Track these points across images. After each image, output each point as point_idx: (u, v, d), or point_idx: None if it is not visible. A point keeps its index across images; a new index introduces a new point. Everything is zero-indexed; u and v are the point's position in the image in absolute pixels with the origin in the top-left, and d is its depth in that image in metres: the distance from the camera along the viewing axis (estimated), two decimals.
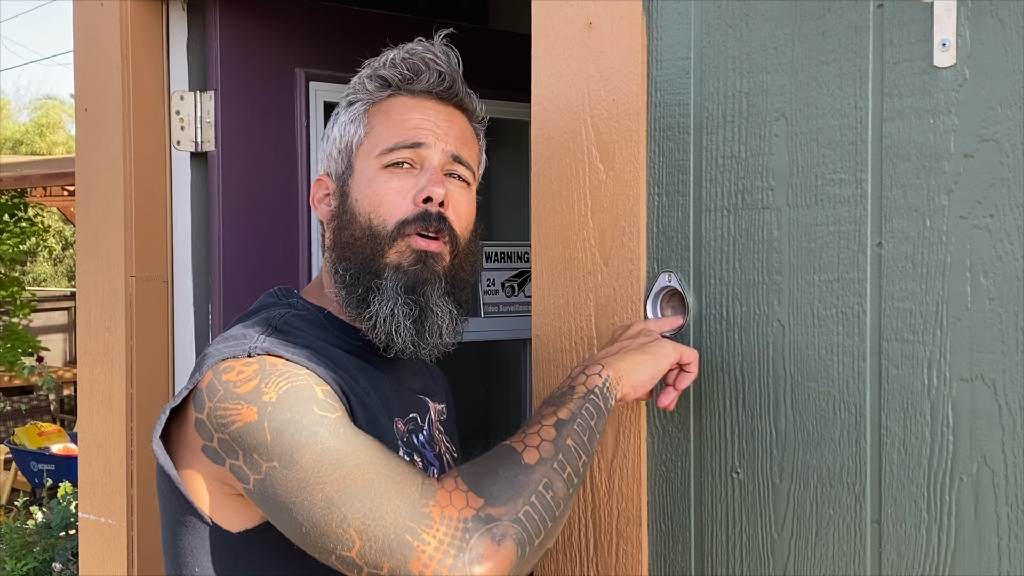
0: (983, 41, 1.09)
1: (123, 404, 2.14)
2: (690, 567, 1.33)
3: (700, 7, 1.31)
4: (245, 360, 1.17)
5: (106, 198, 2.19)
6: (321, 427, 1.10)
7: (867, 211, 1.17)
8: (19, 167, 8.04)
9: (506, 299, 2.86)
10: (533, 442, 1.11)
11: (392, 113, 1.32)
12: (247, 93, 2.21)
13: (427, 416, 1.38)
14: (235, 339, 1.22)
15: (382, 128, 1.31)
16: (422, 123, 1.31)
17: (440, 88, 1.33)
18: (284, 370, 1.15)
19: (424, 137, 1.30)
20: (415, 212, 1.27)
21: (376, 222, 1.28)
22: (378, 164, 1.30)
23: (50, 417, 8.69)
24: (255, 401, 1.11)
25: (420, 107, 1.32)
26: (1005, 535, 1.08)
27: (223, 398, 1.14)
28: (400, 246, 1.27)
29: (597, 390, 1.18)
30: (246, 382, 1.14)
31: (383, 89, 1.33)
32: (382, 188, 1.29)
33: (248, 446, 1.11)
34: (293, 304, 1.33)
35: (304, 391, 1.13)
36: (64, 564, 4.40)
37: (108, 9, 2.18)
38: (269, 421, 1.10)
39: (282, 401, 1.11)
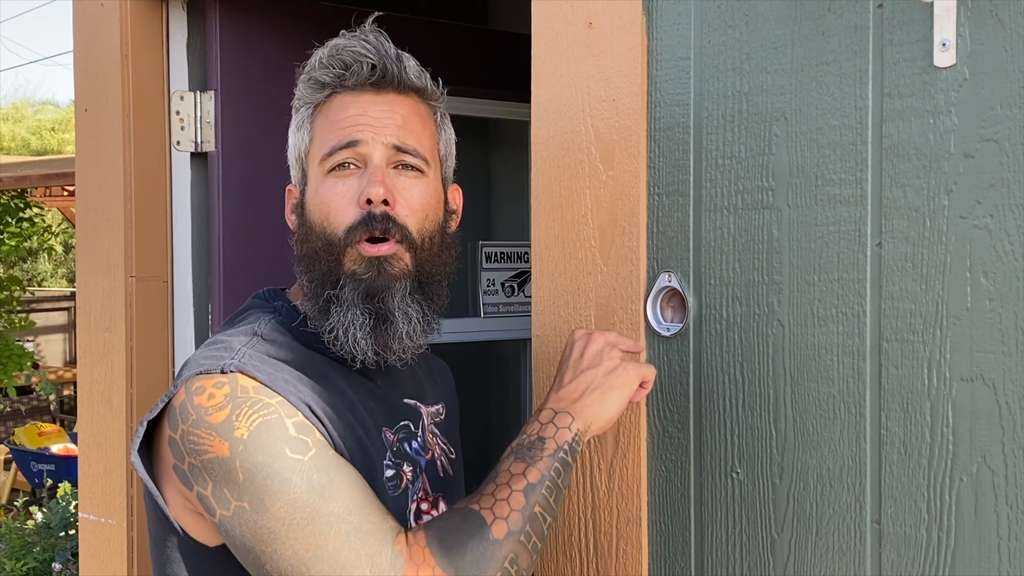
0: (983, 41, 1.09)
1: (123, 404, 2.14)
2: (690, 567, 1.33)
3: (700, 7, 1.31)
4: (217, 380, 1.14)
5: (106, 198, 2.19)
6: (294, 473, 1.09)
7: (867, 211, 1.17)
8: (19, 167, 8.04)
9: (506, 299, 2.86)
10: (502, 512, 1.11)
11: (330, 114, 1.27)
12: (247, 93, 2.21)
13: (420, 422, 1.35)
14: (216, 349, 1.20)
15: (322, 132, 1.27)
16: (357, 119, 1.25)
17: (374, 78, 1.26)
18: (255, 399, 1.13)
19: (359, 133, 1.24)
20: (359, 216, 1.22)
21: (328, 231, 1.24)
22: (322, 170, 1.26)
23: (50, 417, 8.69)
24: (227, 436, 1.10)
25: (357, 102, 1.26)
26: (1005, 535, 1.08)
27: (195, 424, 1.12)
28: (352, 254, 1.22)
29: (567, 446, 1.17)
30: (217, 410, 1.12)
31: (320, 91, 1.28)
32: (328, 195, 1.24)
33: (219, 480, 1.11)
34: (279, 309, 1.29)
35: (276, 428, 1.11)
36: (64, 564, 4.40)
37: (108, 9, 2.18)
38: (241, 460, 1.09)
39: (254, 439, 1.10)
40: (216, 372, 1.15)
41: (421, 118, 1.30)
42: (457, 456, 1.45)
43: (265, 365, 1.18)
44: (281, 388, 1.16)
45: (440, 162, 1.32)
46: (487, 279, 2.82)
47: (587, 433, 1.20)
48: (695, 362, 1.33)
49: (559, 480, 1.16)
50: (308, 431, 1.14)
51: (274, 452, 1.10)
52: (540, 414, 1.20)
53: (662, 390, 1.35)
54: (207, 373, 1.16)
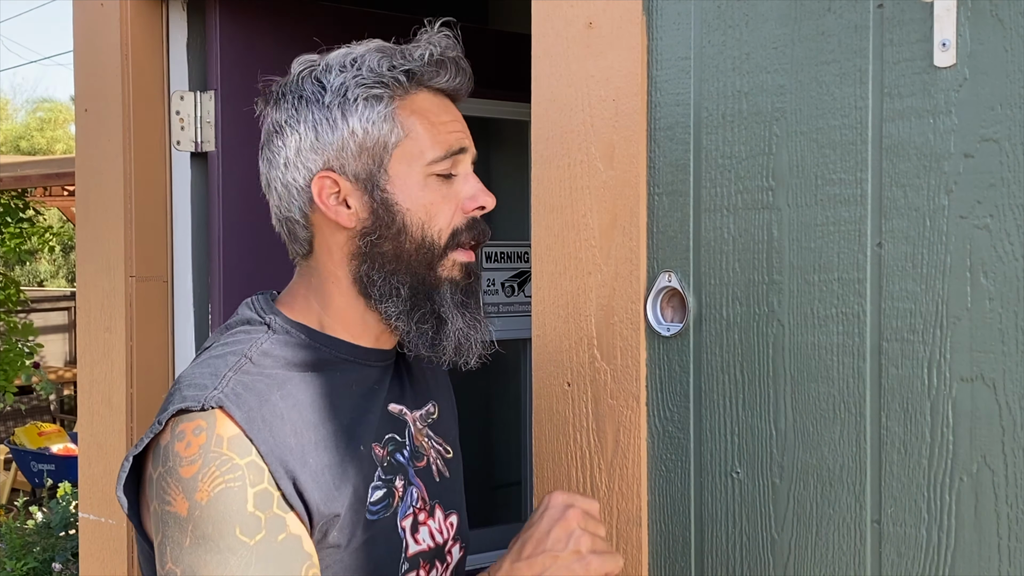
0: (983, 41, 1.09)
1: (123, 404, 2.14)
2: (690, 567, 1.33)
3: (700, 7, 1.31)
4: (197, 424, 1.12)
5: (106, 198, 2.19)
6: (234, 557, 1.08)
7: (867, 211, 1.17)
8: (19, 167, 8.04)
9: (506, 299, 2.86)
10: None
11: (427, 115, 1.23)
12: (247, 93, 2.19)
13: (406, 430, 1.32)
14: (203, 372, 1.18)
15: (425, 132, 1.23)
16: (455, 125, 1.25)
17: (456, 84, 1.27)
18: (226, 458, 1.11)
19: (463, 142, 1.25)
20: (465, 221, 1.24)
21: (430, 233, 1.22)
22: (427, 172, 1.22)
23: (50, 417, 8.70)
24: (190, 495, 1.10)
25: (444, 106, 1.26)
26: (1005, 535, 1.08)
27: (169, 472, 1.11)
28: (450, 260, 1.24)
29: None
30: (189, 463, 1.10)
31: (405, 84, 1.23)
32: (434, 197, 1.23)
33: (169, 535, 1.11)
34: (271, 323, 1.24)
35: (234, 500, 1.10)
36: (64, 564, 4.40)
37: (108, 9, 2.18)
38: (193, 526, 1.09)
39: (210, 508, 1.09)
40: (197, 410, 1.12)
41: None
42: (455, 455, 1.42)
43: (249, 396, 1.15)
44: (257, 436, 1.13)
45: None
46: (487, 279, 2.82)
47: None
48: (695, 362, 1.33)
49: None
50: (267, 503, 1.12)
51: (224, 529, 1.09)
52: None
53: (662, 390, 1.35)
54: (188, 412, 1.13)
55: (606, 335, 1.39)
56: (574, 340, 1.43)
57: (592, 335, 1.41)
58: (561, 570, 1.12)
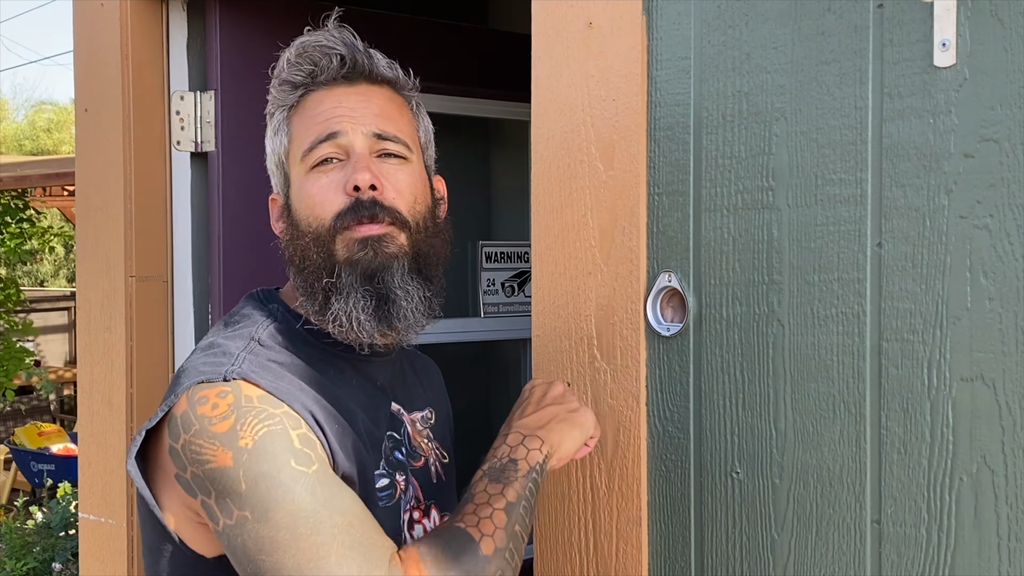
0: (983, 41, 1.09)
1: (123, 404, 2.14)
2: (690, 567, 1.33)
3: (700, 7, 1.31)
4: (220, 388, 1.13)
5: (106, 198, 2.19)
6: (298, 484, 1.08)
7: (867, 211, 1.17)
8: (19, 167, 8.04)
9: (506, 299, 2.86)
10: (487, 529, 1.12)
11: (306, 112, 1.27)
12: (247, 93, 2.21)
13: (402, 429, 1.34)
14: (214, 355, 1.19)
15: (300, 130, 1.26)
16: (334, 112, 1.25)
17: (344, 71, 1.26)
18: (260, 408, 1.12)
19: (338, 125, 1.24)
20: (347, 203, 1.22)
21: (315, 223, 1.23)
22: (305, 167, 1.25)
23: (50, 417, 8.70)
24: (231, 445, 1.09)
25: (331, 96, 1.26)
26: (1005, 535, 1.08)
27: (198, 433, 1.11)
28: (343, 240, 1.22)
29: (538, 467, 1.20)
30: (221, 420, 1.11)
31: (292, 92, 1.28)
32: (312, 189, 1.24)
33: (221, 489, 1.10)
34: (274, 313, 1.28)
35: (280, 439, 1.10)
36: (64, 564, 4.40)
37: (108, 9, 2.18)
38: (245, 470, 1.08)
39: (259, 449, 1.09)
40: (218, 380, 1.14)
41: (397, 107, 1.30)
42: (450, 460, 1.44)
43: (266, 372, 1.17)
44: (285, 396, 1.15)
45: (421, 149, 1.33)
46: (487, 279, 2.82)
47: (552, 458, 1.22)
48: (695, 362, 1.33)
49: (533, 500, 1.18)
50: (311, 444, 1.13)
51: (279, 463, 1.09)
52: (507, 438, 1.22)
53: (662, 390, 1.35)
54: (209, 382, 1.14)
55: (606, 335, 1.39)
56: (574, 340, 1.43)
57: (592, 335, 1.41)
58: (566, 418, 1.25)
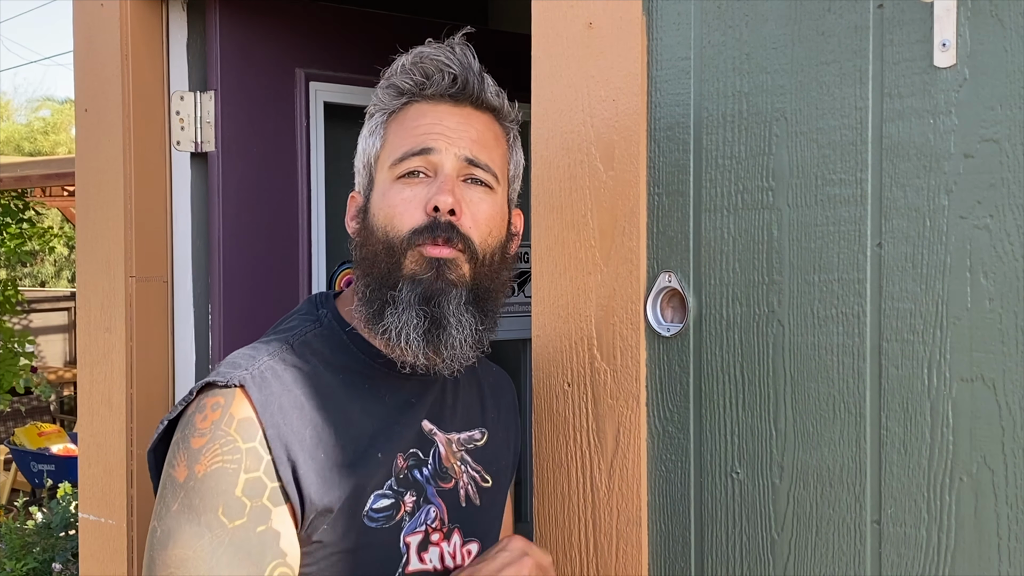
0: (983, 41, 1.09)
1: (123, 404, 2.14)
2: (690, 567, 1.33)
3: (700, 7, 1.31)
4: (215, 400, 1.17)
5: (106, 198, 2.19)
6: (208, 535, 1.11)
7: (867, 211, 1.17)
8: (19, 167, 8.04)
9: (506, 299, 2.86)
10: None
11: (405, 121, 1.27)
12: (247, 93, 2.21)
13: (432, 450, 1.31)
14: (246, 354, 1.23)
15: (395, 138, 1.27)
16: (432, 128, 1.25)
17: (453, 90, 1.27)
18: (231, 438, 1.14)
19: (433, 142, 1.24)
20: (424, 221, 1.22)
21: (391, 233, 1.23)
22: (392, 175, 1.26)
23: (50, 417, 8.70)
24: (191, 465, 1.14)
25: (433, 111, 1.27)
26: (1005, 535, 1.08)
27: (183, 439, 1.16)
28: (413, 256, 1.22)
29: None
30: (200, 436, 1.15)
31: (398, 97, 1.28)
32: (395, 199, 1.24)
33: (162, 495, 1.15)
34: (321, 318, 1.30)
35: (226, 480, 1.13)
36: (64, 564, 4.40)
37: (108, 9, 2.18)
38: (185, 493, 1.13)
39: (203, 481, 1.13)
40: (222, 386, 1.18)
41: (495, 136, 1.31)
42: (495, 486, 1.40)
43: (274, 382, 1.19)
44: (269, 418, 1.16)
45: (508, 182, 1.33)
46: None
47: None
48: (695, 362, 1.33)
49: None
50: (256, 493, 1.14)
51: (208, 504, 1.12)
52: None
53: (662, 390, 1.35)
54: (214, 387, 1.18)
55: (606, 335, 1.39)
56: (574, 340, 1.43)
57: (592, 335, 1.41)
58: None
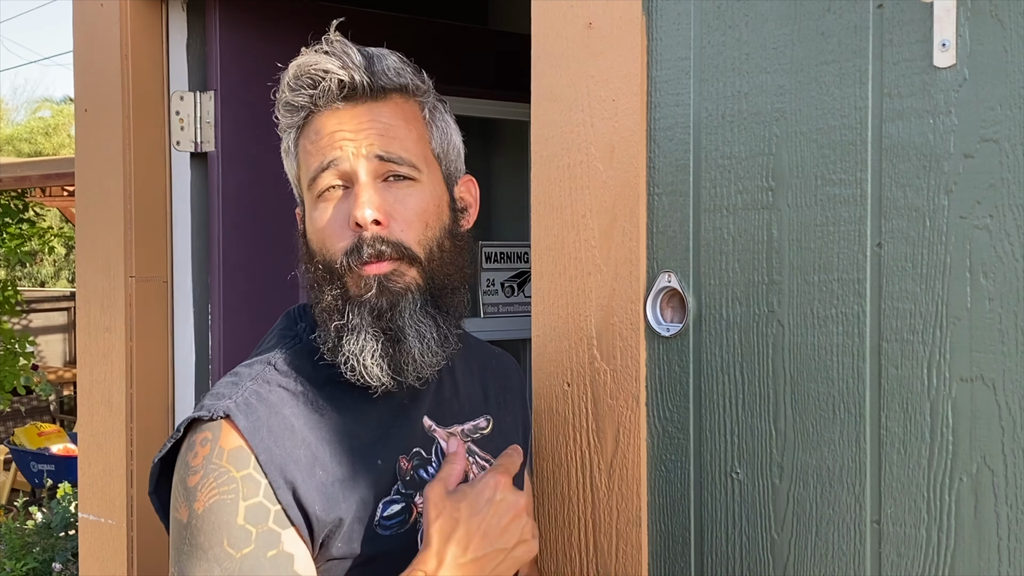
0: (983, 41, 1.09)
1: (123, 405, 2.14)
2: (690, 567, 1.33)
3: (700, 7, 1.31)
4: (203, 435, 1.15)
5: (106, 198, 2.19)
6: (217, 570, 1.11)
7: (867, 211, 1.17)
8: (19, 167, 8.04)
9: (506, 299, 2.86)
10: None
11: (310, 136, 1.22)
12: (247, 93, 2.21)
13: (434, 447, 1.28)
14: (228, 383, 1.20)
15: (305, 156, 1.23)
16: (333, 137, 1.20)
17: (344, 93, 1.20)
18: (224, 470, 1.13)
19: (337, 151, 1.19)
20: (352, 241, 1.18)
21: (327, 257, 1.20)
22: (312, 196, 1.22)
23: (50, 417, 8.70)
24: (190, 504, 1.13)
25: (333, 118, 1.21)
26: (1005, 535, 1.08)
27: (180, 481, 1.16)
28: (354, 277, 1.18)
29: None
30: (193, 473, 1.14)
31: (296, 114, 1.24)
32: (320, 221, 1.21)
33: (173, 540, 1.16)
34: (299, 333, 1.26)
35: (226, 511, 1.11)
36: (64, 564, 4.40)
37: (108, 9, 2.19)
38: (190, 533, 1.13)
39: (204, 517, 1.12)
40: (206, 420, 1.15)
41: (406, 120, 1.23)
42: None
43: (260, 407, 1.16)
44: (259, 443, 1.14)
45: (437, 160, 1.27)
46: (487, 279, 2.82)
47: None
48: (695, 362, 1.33)
49: None
50: (260, 518, 1.12)
51: (213, 539, 1.11)
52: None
53: (662, 390, 1.35)
54: (200, 423, 1.16)
55: (606, 335, 1.39)
56: (574, 340, 1.43)
57: (592, 335, 1.41)
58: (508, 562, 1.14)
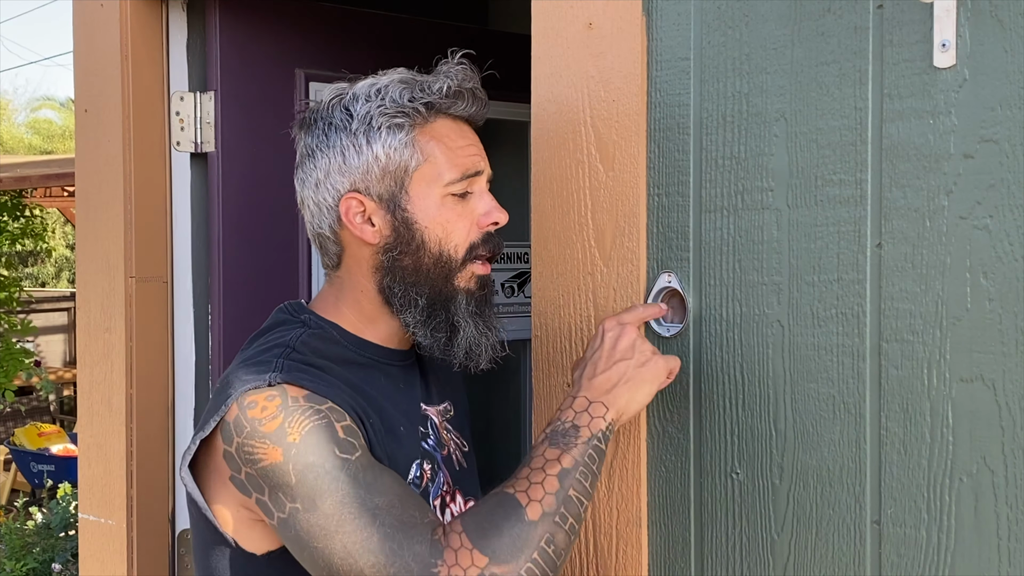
0: (983, 42, 1.09)
1: (123, 405, 2.14)
2: (690, 567, 1.33)
3: (700, 8, 1.31)
4: (268, 393, 1.21)
5: (106, 199, 2.18)
6: (343, 472, 1.16)
7: (867, 211, 1.17)
8: (19, 167, 8.04)
9: (506, 300, 2.86)
10: (536, 495, 1.16)
11: (444, 140, 1.34)
12: (247, 93, 2.21)
13: (428, 422, 1.43)
14: (255, 365, 1.26)
15: (442, 157, 1.33)
16: (470, 149, 1.35)
17: (472, 112, 1.37)
18: (306, 406, 1.20)
19: (479, 165, 1.35)
20: (481, 235, 1.34)
21: (447, 248, 1.33)
22: (444, 192, 1.33)
23: (50, 418, 8.69)
24: (280, 442, 1.18)
25: (462, 132, 1.36)
26: (1005, 535, 1.08)
27: (250, 435, 1.19)
28: (467, 272, 1.34)
29: (600, 435, 1.22)
30: (270, 419, 1.19)
31: (424, 113, 1.34)
32: (451, 215, 1.33)
33: (273, 485, 1.18)
34: (307, 321, 1.36)
35: (325, 431, 1.18)
36: (64, 565, 4.40)
37: (108, 9, 2.18)
38: (294, 463, 1.17)
39: (305, 443, 1.17)
40: (264, 387, 1.22)
41: None
42: (470, 449, 1.51)
43: (305, 374, 1.25)
44: (327, 394, 1.23)
45: None
46: None
47: (618, 422, 1.25)
48: (695, 362, 1.33)
49: (593, 466, 1.21)
50: (355, 434, 1.21)
51: (324, 453, 1.17)
52: (574, 402, 1.24)
53: (662, 390, 1.35)
54: (256, 389, 1.22)
55: None
56: (574, 340, 1.43)
57: (592, 335, 1.41)
58: (637, 373, 1.25)
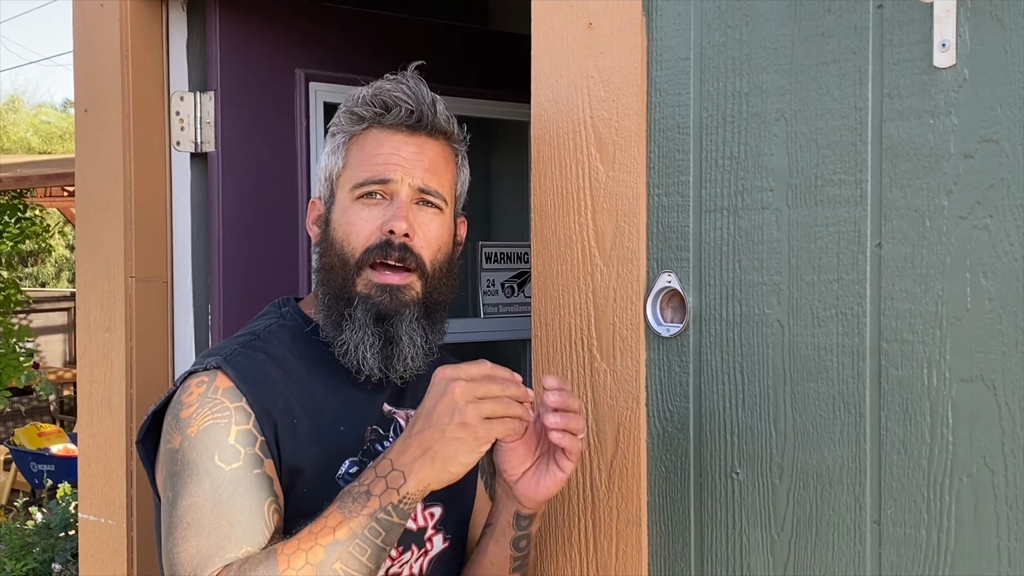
0: (983, 42, 1.09)
1: (123, 405, 2.14)
2: (690, 567, 1.33)
3: (700, 7, 1.31)
4: (200, 378, 1.30)
5: (106, 198, 2.18)
6: (208, 478, 1.22)
7: (867, 211, 1.17)
8: (19, 167, 8.04)
9: (506, 299, 2.86)
10: (296, 563, 1.13)
11: (366, 147, 1.38)
12: (247, 93, 2.21)
13: (391, 424, 1.43)
14: (218, 348, 1.37)
15: (356, 162, 1.39)
16: (390, 158, 1.37)
17: (410, 122, 1.38)
18: (219, 401, 1.27)
19: (391, 173, 1.36)
20: (378, 240, 1.35)
21: (347, 249, 1.36)
22: (351, 196, 1.38)
23: (50, 418, 8.69)
24: (183, 431, 1.26)
25: (391, 140, 1.38)
26: (1005, 535, 1.08)
27: (173, 416, 1.29)
28: (365, 277, 1.35)
29: (391, 507, 1.15)
30: (187, 407, 1.27)
31: (359, 123, 1.40)
32: (353, 218, 1.37)
33: (168, 469, 1.26)
34: (284, 314, 1.44)
35: (219, 432, 1.25)
36: (64, 565, 4.40)
37: (108, 9, 2.18)
38: (182, 454, 1.24)
39: (198, 438, 1.24)
40: (201, 371, 1.31)
41: (445, 160, 1.42)
42: None
43: (247, 363, 1.32)
44: (247, 387, 1.29)
45: (455, 200, 1.44)
46: (487, 279, 2.82)
47: (422, 493, 1.17)
48: (695, 362, 1.33)
49: (377, 540, 1.15)
50: (249, 442, 1.26)
51: (204, 455, 1.23)
52: (380, 463, 1.18)
53: (662, 390, 1.35)
54: (196, 372, 1.32)
55: (606, 335, 1.39)
56: (574, 340, 1.43)
57: (592, 335, 1.41)
58: (449, 444, 1.14)
